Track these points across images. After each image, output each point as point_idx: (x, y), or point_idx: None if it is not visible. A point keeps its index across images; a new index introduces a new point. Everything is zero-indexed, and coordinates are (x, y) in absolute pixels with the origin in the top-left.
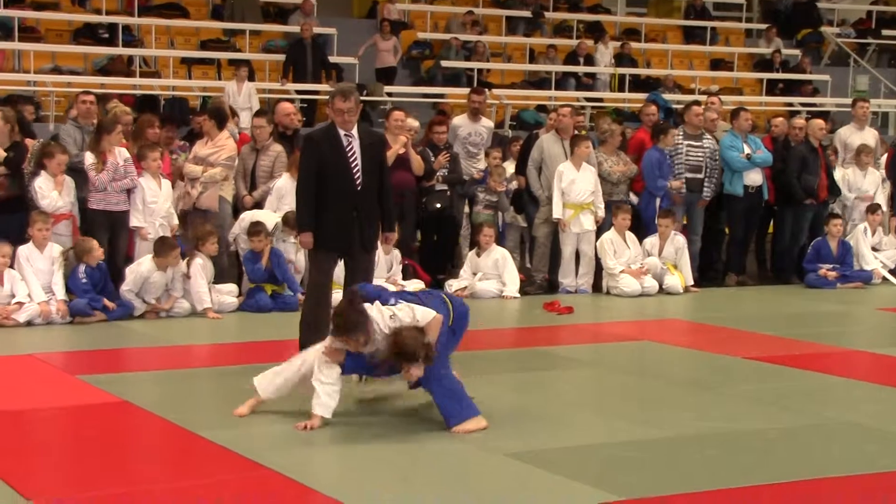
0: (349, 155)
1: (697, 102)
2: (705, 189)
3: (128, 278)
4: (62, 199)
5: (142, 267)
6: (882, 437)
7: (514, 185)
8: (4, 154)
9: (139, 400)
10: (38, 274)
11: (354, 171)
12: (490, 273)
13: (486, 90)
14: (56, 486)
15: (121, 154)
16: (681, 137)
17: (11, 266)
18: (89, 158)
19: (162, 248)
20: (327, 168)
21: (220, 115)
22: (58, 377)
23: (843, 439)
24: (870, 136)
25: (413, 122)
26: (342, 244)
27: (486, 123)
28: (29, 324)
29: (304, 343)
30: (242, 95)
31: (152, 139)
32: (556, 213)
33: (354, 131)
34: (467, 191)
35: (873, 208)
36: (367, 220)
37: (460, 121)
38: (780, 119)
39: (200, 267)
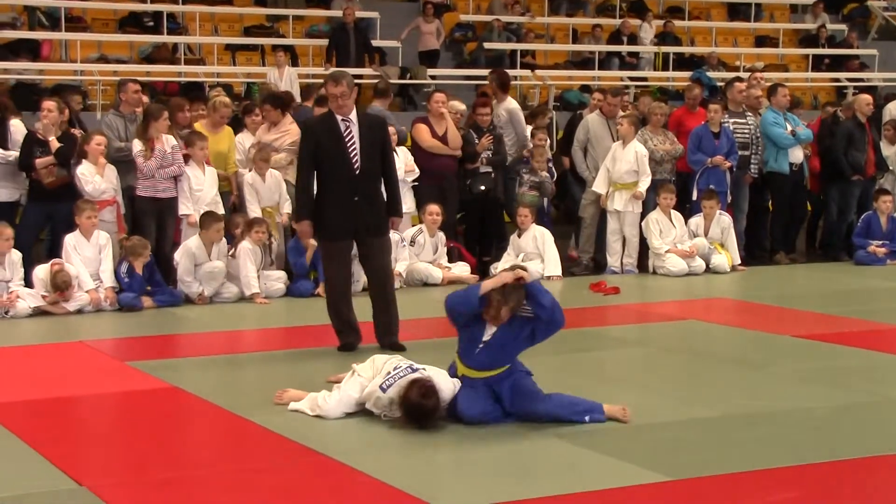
0: (347, 140)
1: (740, 79)
2: (752, 165)
3: (180, 264)
4: (105, 183)
5: (190, 244)
6: None
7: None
8: (58, 144)
9: (189, 385)
10: (86, 262)
11: (353, 155)
12: (532, 253)
13: (499, 71)
14: (109, 471)
15: (168, 141)
16: (726, 115)
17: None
18: (137, 146)
19: (206, 220)
20: (325, 154)
21: (282, 101)
22: (108, 364)
23: (894, 417)
24: None
25: (459, 105)
26: (348, 231)
27: (507, 105)
28: (78, 311)
29: (339, 330)
30: (284, 81)
31: (182, 123)
32: (599, 188)
33: (353, 116)
34: (509, 171)
35: None
36: (369, 204)
37: None
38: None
39: (249, 252)
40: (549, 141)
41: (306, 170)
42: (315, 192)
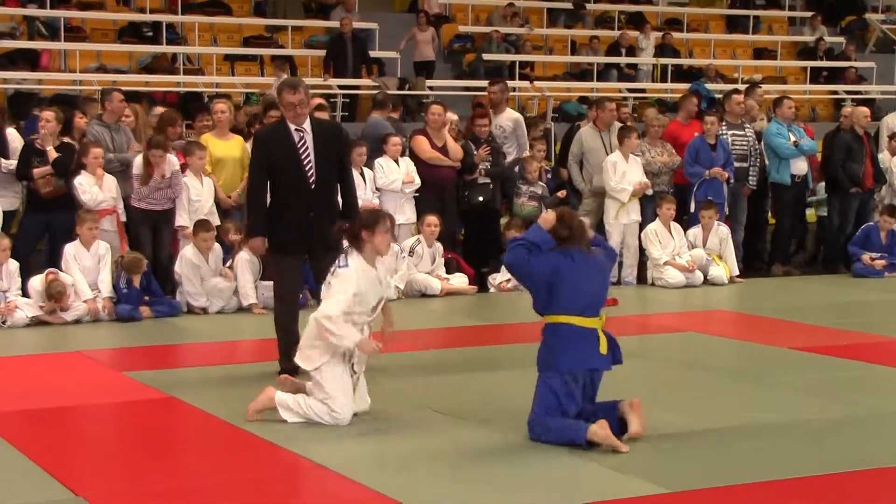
0: (301, 151)
1: (737, 91)
2: (750, 177)
3: (182, 276)
4: (103, 193)
5: (187, 253)
6: None
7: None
8: (55, 154)
9: (187, 396)
10: (85, 272)
11: (307, 167)
12: None
13: (506, 81)
14: (106, 481)
15: (171, 165)
16: (724, 127)
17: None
18: (137, 167)
19: (196, 228)
20: (278, 167)
21: None
22: (105, 374)
23: (893, 430)
24: None
25: (452, 116)
26: (302, 246)
27: (511, 115)
28: (76, 321)
29: (283, 348)
30: None
31: (173, 137)
32: (624, 197)
33: (307, 125)
34: (505, 183)
35: None
36: (324, 219)
37: None
38: (850, 109)
39: (247, 263)
40: (544, 152)
41: (259, 183)
42: (268, 203)
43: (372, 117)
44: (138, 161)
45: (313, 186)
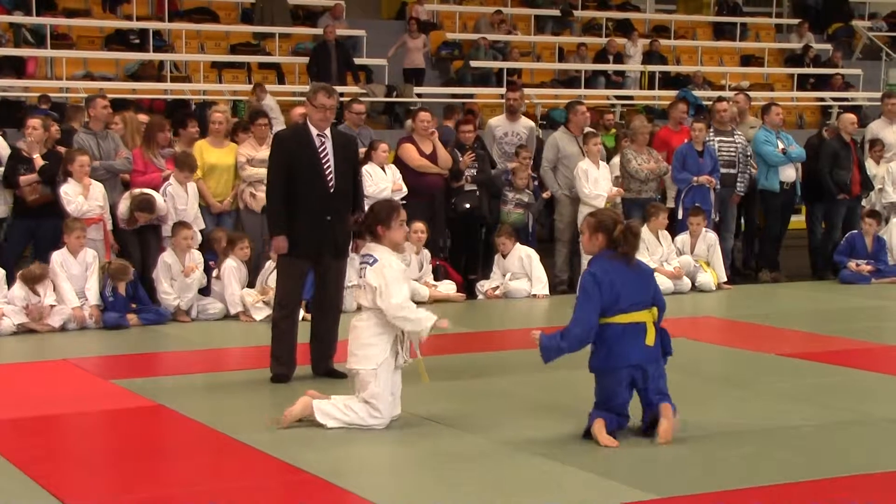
0: (322, 156)
1: (722, 98)
2: (738, 184)
3: (157, 279)
4: (88, 203)
5: (164, 257)
6: None
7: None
8: (42, 162)
9: (174, 404)
10: (73, 279)
11: (328, 172)
12: (518, 273)
13: (523, 88)
14: (93, 490)
15: (158, 210)
16: (712, 133)
17: None
18: (122, 213)
19: (177, 226)
20: (299, 169)
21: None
22: (92, 382)
23: (880, 435)
24: None
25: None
26: (313, 251)
27: (526, 123)
28: (63, 329)
29: (278, 356)
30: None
31: (162, 143)
32: (600, 203)
33: (327, 131)
34: (494, 190)
35: None
36: (339, 224)
37: (497, 121)
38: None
39: (234, 270)
40: (530, 160)
41: (280, 183)
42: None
43: (342, 125)
44: (122, 209)
45: (332, 190)
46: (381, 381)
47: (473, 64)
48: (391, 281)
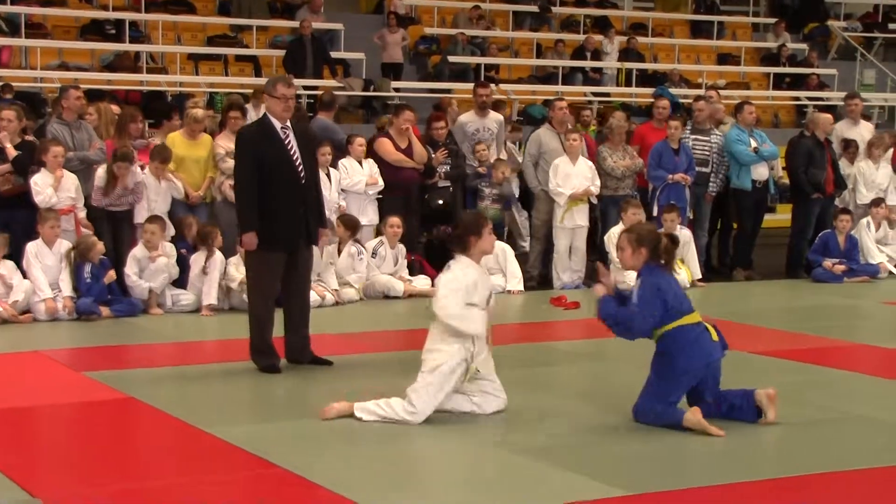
0: (289, 148)
1: (701, 97)
2: (711, 183)
3: (129, 275)
4: (58, 195)
5: (135, 252)
6: (890, 430)
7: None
8: (15, 152)
9: (146, 396)
10: (47, 270)
11: (297, 164)
12: (493, 268)
13: (493, 84)
14: (64, 482)
15: (134, 177)
16: (689, 131)
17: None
18: (99, 180)
19: (147, 221)
20: (268, 163)
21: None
22: (64, 374)
23: (851, 433)
24: (865, 131)
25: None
26: (288, 242)
27: (496, 118)
28: (35, 320)
29: (260, 350)
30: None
31: (135, 134)
32: (561, 200)
33: (288, 123)
34: (469, 185)
35: (877, 202)
36: (311, 214)
37: (467, 117)
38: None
39: (222, 263)
40: (506, 154)
41: (250, 178)
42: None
43: (318, 118)
44: (101, 173)
45: (304, 181)
46: (429, 383)
47: (451, 59)
48: (449, 291)
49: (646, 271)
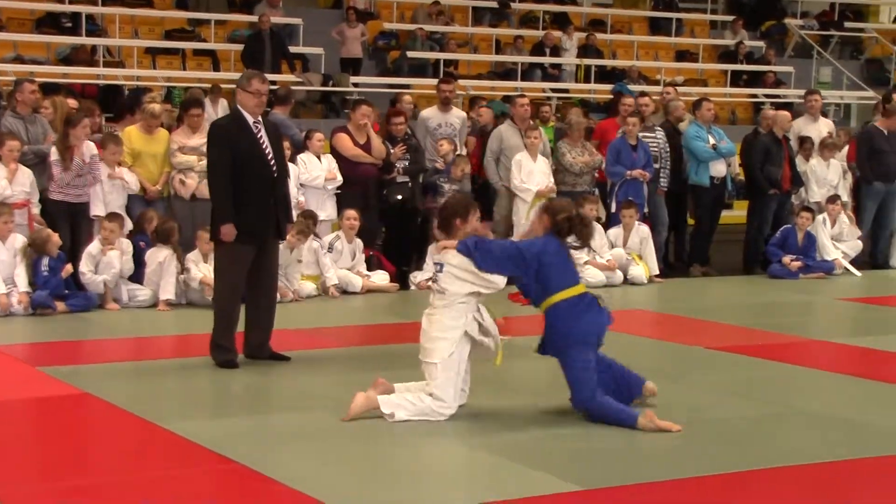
0: (261, 142)
1: (644, 94)
2: (661, 179)
3: (83, 259)
4: (12, 188)
5: (90, 248)
6: (843, 425)
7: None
8: None
9: (101, 392)
10: (1, 265)
11: (269, 158)
12: None
13: (455, 80)
14: (18, 478)
15: (88, 149)
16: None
17: None
18: (54, 154)
19: (105, 218)
20: (241, 156)
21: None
22: (19, 369)
23: (805, 428)
24: (824, 128)
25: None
26: (258, 235)
27: (458, 114)
28: None
29: (220, 345)
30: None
31: (93, 129)
32: (528, 197)
33: (260, 117)
34: (428, 181)
35: (833, 199)
36: (281, 207)
37: (430, 112)
38: (772, 113)
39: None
40: (465, 150)
41: (224, 171)
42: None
43: (273, 113)
44: (54, 149)
45: (275, 175)
46: (444, 373)
47: (410, 54)
48: (474, 269)
49: (542, 238)
